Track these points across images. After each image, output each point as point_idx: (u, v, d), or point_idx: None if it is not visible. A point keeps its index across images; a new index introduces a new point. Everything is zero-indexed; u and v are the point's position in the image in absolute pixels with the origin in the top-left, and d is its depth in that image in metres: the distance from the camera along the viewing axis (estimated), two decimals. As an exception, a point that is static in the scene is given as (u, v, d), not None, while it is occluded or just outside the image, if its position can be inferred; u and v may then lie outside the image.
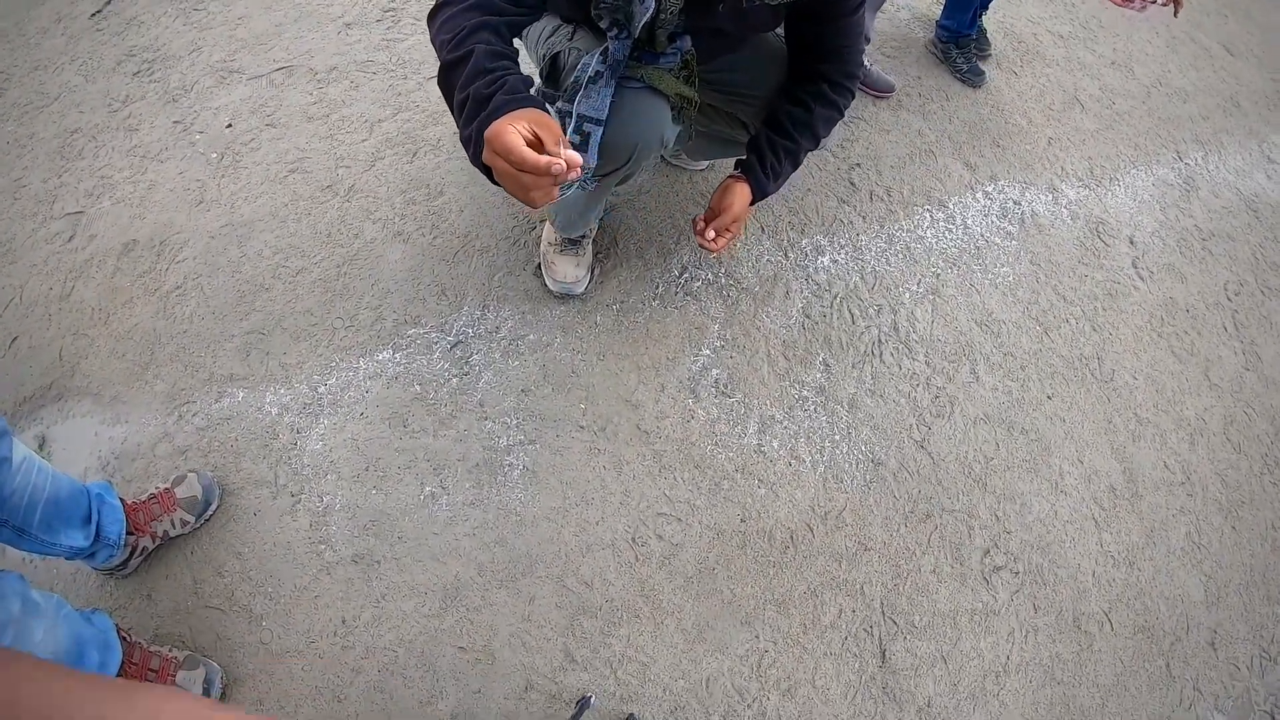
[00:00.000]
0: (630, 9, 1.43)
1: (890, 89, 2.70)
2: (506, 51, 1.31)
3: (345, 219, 2.18)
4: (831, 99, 1.69)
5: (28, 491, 1.39)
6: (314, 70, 2.47)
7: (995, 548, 1.95)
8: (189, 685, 1.59)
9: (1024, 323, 2.30)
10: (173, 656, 1.61)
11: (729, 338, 2.12)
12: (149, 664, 1.56)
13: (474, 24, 1.28)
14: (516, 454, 1.88)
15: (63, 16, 2.67)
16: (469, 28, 1.28)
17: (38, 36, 2.62)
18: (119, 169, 2.28)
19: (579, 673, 1.68)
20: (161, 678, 1.58)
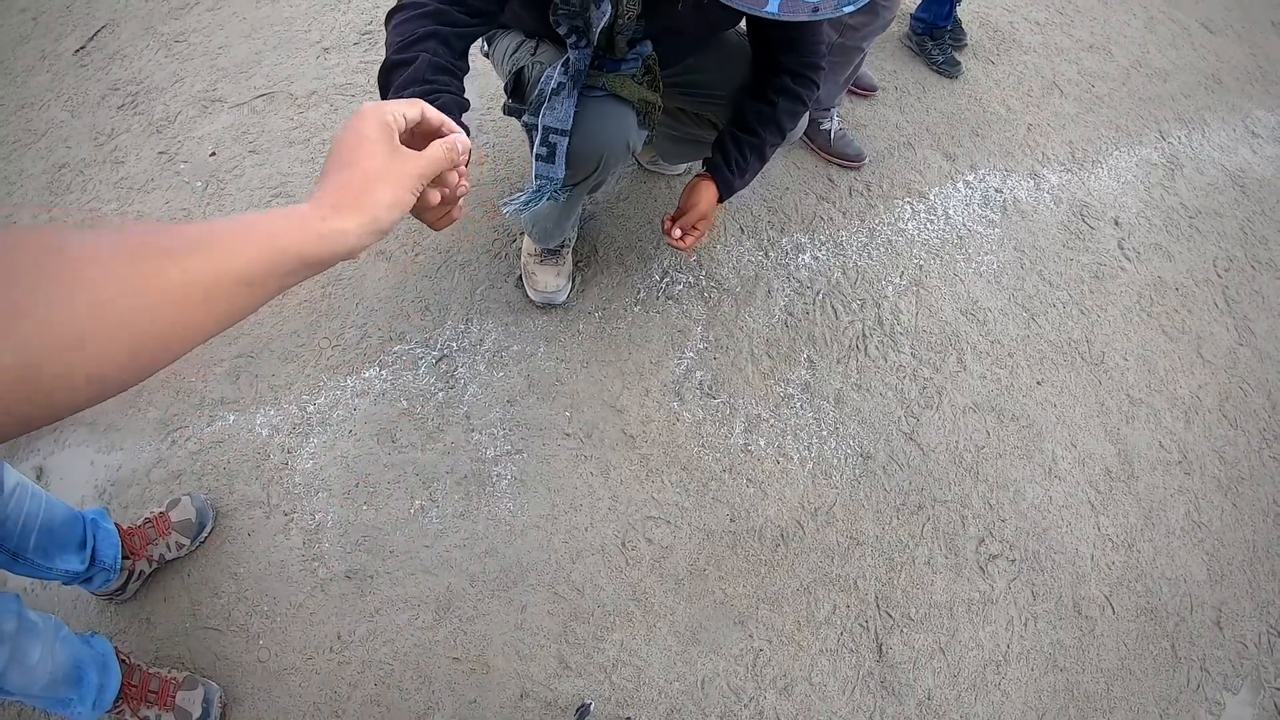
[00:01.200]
0: (587, 16, 1.43)
1: (873, 88, 2.68)
2: (452, 65, 1.31)
3: (327, 240, 2.19)
4: (794, 90, 1.68)
5: (21, 517, 1.40)
6: (294, 95, 2.48)
7: (990, 536, 1.93)
8: (189, 705, 1.59)
9: (1010, 309, 2.28)
10: (171, 677, 1.61)
11: (712, 339, 2.10)
12: (149, 685, 1.57)
13: (425, 31, 1.29)
14: (504, 464, 1.88)
15: (47, 54, 2.69)
16: (420, 34, 1.28)
17: (23, 74, 2.65)
18: (107, 201, 2.30)
19: (574, 679, 1.67)
20: (161, 699, 1.58)
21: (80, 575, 1.54)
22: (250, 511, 1.81)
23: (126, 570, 1.65)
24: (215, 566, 1.74)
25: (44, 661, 1.31)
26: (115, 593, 1.67)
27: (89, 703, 1.46)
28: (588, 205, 2.28)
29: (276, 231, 0.48)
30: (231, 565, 1.74)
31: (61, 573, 1.50)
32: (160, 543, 1.70)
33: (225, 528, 1.78)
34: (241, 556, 1.75)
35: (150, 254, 0.41)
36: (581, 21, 1.45)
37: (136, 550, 1.67)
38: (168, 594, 1.71)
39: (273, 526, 1.79)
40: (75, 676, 1.40)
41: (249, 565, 1.75)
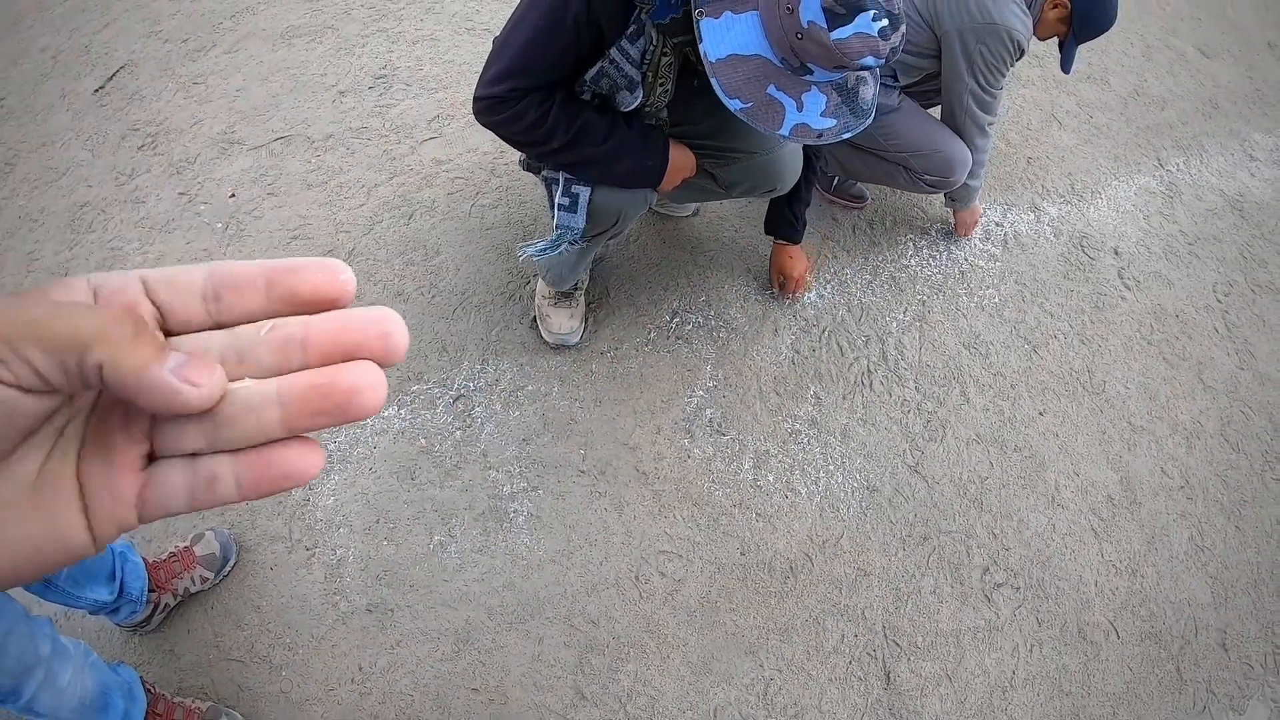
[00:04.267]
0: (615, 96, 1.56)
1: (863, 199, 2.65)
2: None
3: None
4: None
5: None
6: (311, 139, 2.59)
7: (994, 565, 2.01)
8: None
9: (1012, 342, 2.37)
10: (196, 708, 1.69)
11: (721, 377, 2.20)
12: (173, 715, 1.65)
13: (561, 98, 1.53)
14: (520, 500, 1.97)
15: (67, 93, 2.81)
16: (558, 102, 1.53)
17: (44, 113, 2.76)
18: (128, 240, 2.40)
19: (590, 709, 1.76)
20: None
21: (108, 605, 1.62)
22: (273, 546, 1.90)
23: (152, 603, 1.74)
24: (238, 599, 1.83)
25: (74, 685, 1.39)
26: (140, 624, 1.76)
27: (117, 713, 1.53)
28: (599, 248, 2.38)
29: None
30: (254, 598, 1.83)
31: (90, 602, 1.58)
32: (185, 576, 1.78)
33: (248, 561, 1.87)
34: (264, 590, 1.84)
35: None
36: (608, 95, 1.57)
37: (162, 583, 1.76)
38: (191, 626, 1.80)
39: (295, 561, 1.88)
40: (102, 702, 1.47)
41: (271, 598, 1.84)
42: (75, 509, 0.29)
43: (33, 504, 0.28)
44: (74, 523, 0.29)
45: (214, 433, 0.30)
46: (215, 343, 0.31)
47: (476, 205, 2.45)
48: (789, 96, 1.40)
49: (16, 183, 2.59)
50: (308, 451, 0.30)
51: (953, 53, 2.06)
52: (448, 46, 2.87)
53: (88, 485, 0.29)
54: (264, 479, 0.30)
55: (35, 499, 0.28)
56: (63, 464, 0.29)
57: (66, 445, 0.30)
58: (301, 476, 0.30)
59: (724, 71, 1.39)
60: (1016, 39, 2.01)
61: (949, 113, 2.20)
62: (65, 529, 0.29)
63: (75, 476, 0.29)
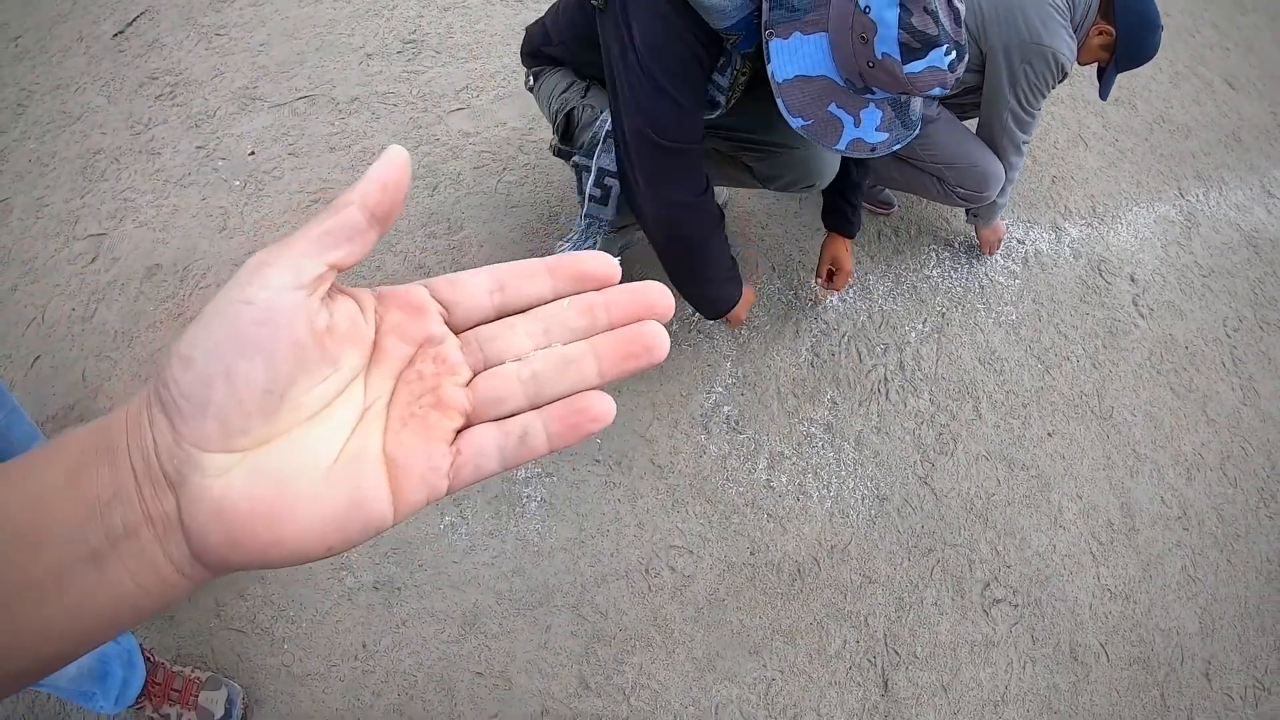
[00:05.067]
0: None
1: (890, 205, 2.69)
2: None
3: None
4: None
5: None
6: (335, 100, 2.57)
7: (995, 581, 2.06)
8: (212, 706, 1.67)
9: (1026, 361, 2.42)
10: (195, 677, 1.69)
11: (740, 375, 2.23)
12: (172, 684, 1.65)
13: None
14: (534, 486, 1.99)
15: (85, 36, 2.76)
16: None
17: (60, 55, 2.72)
18: (142, 192, 2.38)
19: (593, 699, 1.79)
20: (184, 698, 1.66)
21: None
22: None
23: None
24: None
25: None
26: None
27: (112, 697, 1.52)
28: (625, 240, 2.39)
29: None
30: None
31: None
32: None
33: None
34: (271, 560, 1.85)
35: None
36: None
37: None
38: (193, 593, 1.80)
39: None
40: (101, 671, 1.46)
41: (277, 570, 1.85)
42: (380, 481, 0.32)
43: (335, 477, 0.31)
44: (377, 494, 0.32)
45: (536, 389, 0.35)
46: (521, 325, 0.36)
47: (503, 181, 2.46)
48: (848, 113, 1.43)
49: (28, 125, 2.56)
50: (602, 397, 0.35)
51: (997, 69, 2.09)
52: (479, 15, 2.85)
53: (396, 461, 0.33)
54: (572, 426, 0.34)
55: (339, 471, 0.31)
56: (367, 439, 0.33)
57: (369, 427, 0.33)
58: (605, 417, 0.35)
59: (789, 91, 1.42)
60: (1061, 62, 2.03)
61: (986, 127, 2.22)
62: (368, 501, 0.32)
63: (381, 452, 0.33)
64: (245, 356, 0.29)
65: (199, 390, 0.29)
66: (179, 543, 0.30)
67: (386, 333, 0.34)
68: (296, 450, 0.31)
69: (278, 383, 0.30)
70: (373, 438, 0.33)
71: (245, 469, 0.30)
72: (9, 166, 2.49)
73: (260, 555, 0.30)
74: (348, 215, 0.32)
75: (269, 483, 0.30)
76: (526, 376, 0.35)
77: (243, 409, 0.29)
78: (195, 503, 0.29)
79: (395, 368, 0.34)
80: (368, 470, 0.32)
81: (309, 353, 0.31)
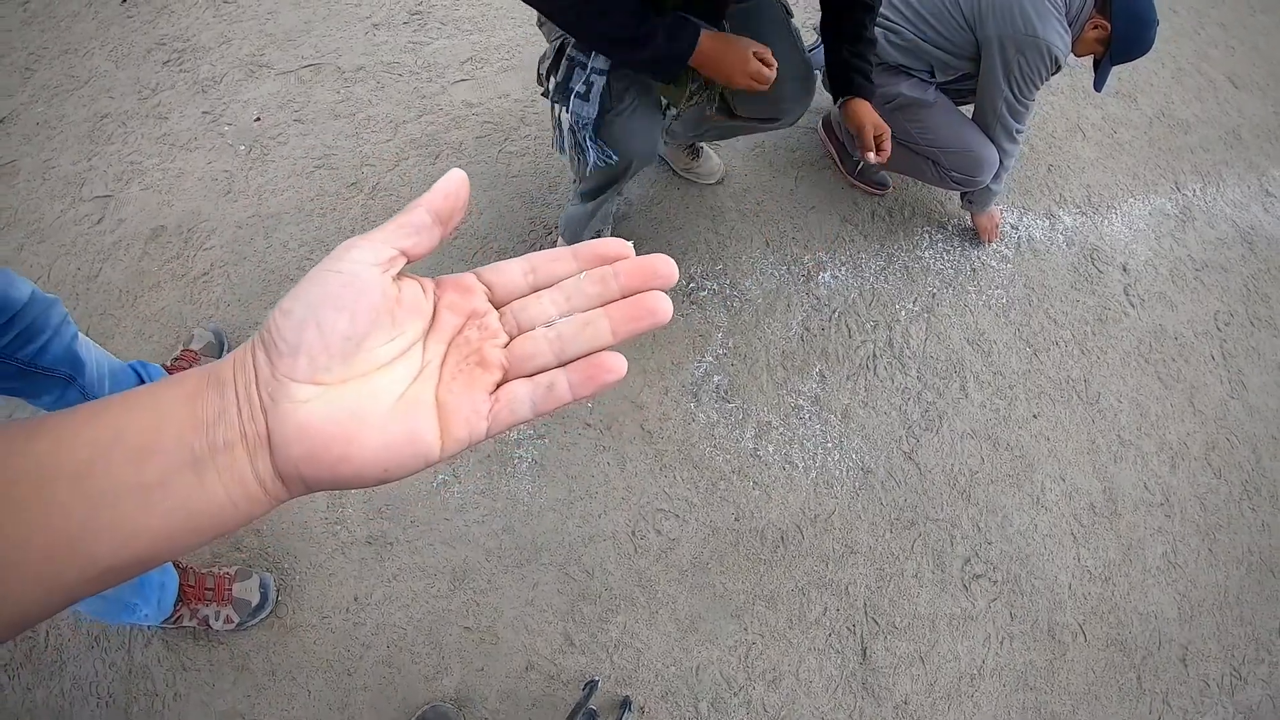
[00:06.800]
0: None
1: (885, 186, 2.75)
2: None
3: (369, 216, 2.36)
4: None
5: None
6: (341, 69, 2.65)
7: (976, 557, 2.14)
8: (247, 595, 1.82)
9: (1014, 344, 2.49)
10: (225, 573, 1.81)
11: (731, 346, 2.31)
12: (204, 584, 1.77)
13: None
14: (526, 447, 2.07)
15: (93, 1, 2.84)
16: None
17: (68, 20, 2.79)
18: (148, 156, 2.46)
19: (577, 656, 1.87)
20: (219, 595, 1.79)
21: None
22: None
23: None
24: (239, 521, 1.92)
25: None
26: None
27: (153, 602, 1.61)
28: (620, 205, 2.47)
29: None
30: (254, 521, 1.91)
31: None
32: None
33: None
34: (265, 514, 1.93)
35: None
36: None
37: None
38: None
39: (297, 487, 1.97)
40: (137, 580, 1.54)
41: (272, 523, 1.94)
42: (432, 421, 0.41)
43: (396, 413, 0.40)
44: (429, 430, 0.40)
45: (561, 347, 0.44)
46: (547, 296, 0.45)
47: (504, 151, 2.53)
48: None
49: (36, 89, 2.63)
50: (616, 355, 0.43)
51: (991, 59, 2.17)
52: (486, -11, 2.93)
53: (445, 405, 0.41)
54: (590, 377, 0.43)
55: (399, 410, 0.40)
56: (423, 388, 0.41)
57: (425, 379, 0.42)
58: (619, 369, 0.43)
59: None
60: (1055, 54, 2.11)
61: (981, 115, 2.30)
62: (421, 435, 0.40)
63: (434, 398, 0.41)
64: (333, 309, 0.38)
65: (294, 333, 0.38)
66: (265, 460, 0.38)
67: (443, 309, 0.44)
68: (367, 391, 0.39)
69: (356, 332, 0.39)
70: (428, 387, 0.41)
71: (325, 399, 0.38)
72: (17, 129, 2.56)
73: (331, 470, 0.38)
74: (417, 214, 0.42)
75: (343, 412, 0.38)
76: (553, 337, 0.44)
77: (327, 350, 0.38)
78: (283, 422, 0.37)
79: (448, 335, 0.43)
80: (423, 411, 0.41)
81: (381, 315, 0.40)
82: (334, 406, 0.38)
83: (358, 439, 0.38)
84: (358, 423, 0.38)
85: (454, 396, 0.42)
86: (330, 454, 0.38)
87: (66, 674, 1.80)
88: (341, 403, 0.38)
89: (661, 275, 0.44)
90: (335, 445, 0.38)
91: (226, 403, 0.38)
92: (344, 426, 0.38)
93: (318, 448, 0.38)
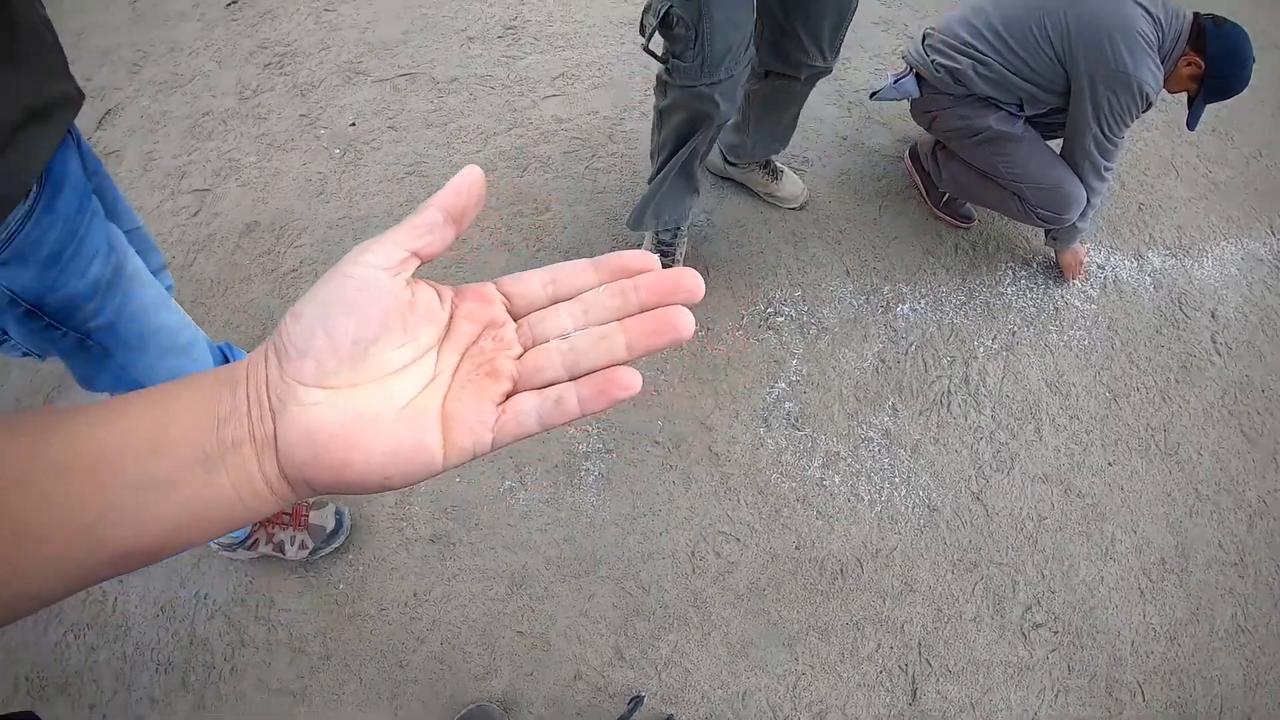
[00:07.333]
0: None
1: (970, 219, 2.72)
2: None
3: (455, 223, 2.43)
4: None
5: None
6: (435, 79, 2.74)
7: (1037, 604, 2.10)
8: (322, 521, 1.94)
9: (1094, 387, 2.44)
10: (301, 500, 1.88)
11: (805, 374, 2.32)
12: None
13: None
14: (594, 460, 2.12)
15: (200, 3, 2.98)
16: None
17: (175, 20, 2.94)
18: (246, 154, 2.57)
19: (626, 670, 1.90)
20: (295, 520, 1.92)
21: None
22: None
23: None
24: (309, 510, 2.00)
25: None
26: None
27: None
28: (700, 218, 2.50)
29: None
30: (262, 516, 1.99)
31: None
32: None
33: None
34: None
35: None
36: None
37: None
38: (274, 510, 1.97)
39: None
40: None
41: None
42: (436, 430, 0.40)
43: (401, 421, 0.40)
44: (432, 439, 0.40)
45: (574, 360, 0.43)
46: (564, 309, 0.44)
47: (591, 168, 2.58)
48: None
49: (142, 83, 2.77)
50: (631, 370, 0.41)
51: (1081, 95, 2.13)
52: (579, 5, 2.99)
53: (451, 415, 0.41)
54: (601, 392, 0.41)
55: (404, 417, 0.40)
56: (431, 396, 0.41)
57: (435, 388, 0.41)
58: (631, 386, 0.41)
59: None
60: (1146, 92, 2.07)
61: (1069, 150, 2.27)
62: (425, 443, 0.40)
63: (441, 407, 0.41)
64: (341, 314, 0.38)
65: (303, 337, 0.38)
66: (271, 461, 0.38)
67: (460, 318, 0.43)
68: (374, 397, 0.39)
69: (364, 336, 0.39)
70: (436, 396, 0.41)
71: (332, 403, 0.38)
72: (122, 121, 2.70)
73: (333, 474, 0.39)
74: (428, 214, 0.41)
75: (349, 417, 0.38)
76: (565, 350, 0.42)
77: (335, 354, 0.38)
78: (290, 424, 0.38)
79: (463, 344, 0.43)
80: (428, 420, 0.40)
81: (392, 319, 0.39)
82: (340, 411, 0.38)
83: (361, 445, 0.39)
84: (362, 428, 0.39)
85: (460, 406, 0.41)
86: (333, 459, 0.38)
87: (130, 639, 1.91)
88: (348, 408, 0.39)
89: (685, 290, 0.43)
90: (338, 450, 0.38)
91: (238, 403, 0.39)
92: (348, 431, 0.38)
93: (321, 452, 0.38)
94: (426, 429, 0.40)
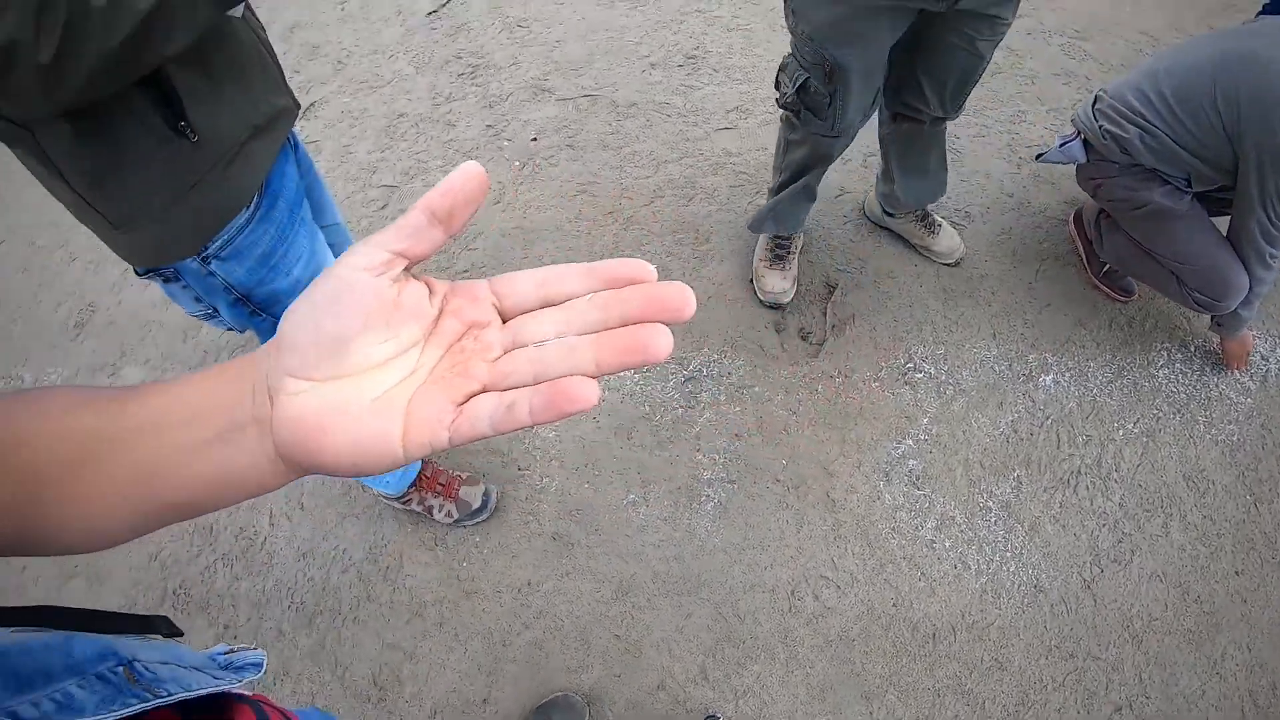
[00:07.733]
0: None
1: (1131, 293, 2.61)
2: None
3: (619, 245, 2.60)
4: None
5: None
6: (615, 103, 2.89)
7: (1129, 708, 2.03)
8: (470, 498, 2.16)
9: (1235, 488, 2.32)
10: (458, 475, 2.17)
11: (934, 434, 2.34)
12: (439, 478, 2.14)
13: None
14: (715, 488, 2.24)
15: (403, 9, 3.25)
16: None
17: (379, 24, 3.22)
18: (434, 156, 2.81)
19: (707, 690, 2.02)
20: (448, 490, 2.15)
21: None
22: (489, 457, 2.27)
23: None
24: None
25: None
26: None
27: (398, 474, 1.97)
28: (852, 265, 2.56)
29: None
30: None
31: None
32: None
33: (464, 464, 2.25)
34: (474, 491, 2.20)
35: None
36: None
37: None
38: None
39: (505, 475, 2.25)
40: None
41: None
42: (398, 425, 0.42)
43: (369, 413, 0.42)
44: (393, 433, 0.42)
45: (541, 369, 0.42)
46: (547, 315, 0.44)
47: (754, 204, 2.67)
48: None
49: (345, 81, 3.06)
50: (586, 383, 0.40)
51: (1247, 175, 1.98)
52: (760, 40, 3.07)
53: (414, 411, 0.42)
54: (550, 402, 0.40)
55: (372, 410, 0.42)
56: (403, 391, 0.43)
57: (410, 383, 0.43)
58: (582, 400, 0.39)
59: None
60: None
61: (1235, 234, 2.13)
62: (387, 436, 0.42)
63: (407, 402, 0.42)
64: (325, 312, 0.41)
65: (292, 333, 0.42)
66: (269, 441, 0.43)
67: (447, 315, 0.44)
68: (351, 390, 0.42)
69: (344, 333, 0.41)
70: (408, 391, 0.43)
71: (314, 394, 0.41)
72: (324, 114, 3.00)
73: (310, 458, 0.42)
74: (411, 217, 0.42)
75: (325, 406, 0.41)
76: (535, 358, 0.42)
77: (316, 348, 0.41)
78: (280, 410, 0.42)
79: (447, 341, 0.44)
80: (393, 413, 0.42)
81: (373, 317, 0.41)
82: (319, 401, 0.41)
83: (331, 433, 0.41)
84: (335, 418, 0.41)
85: (424, 403, 0.42)
86: (309, 444, 0.41)
87: (271, 575, 2.19)
88: (326, 398, 0.41)
89: (671, 309, 0.41)
90: (313, 436, 0.41)
91: (251, 386, 0.43)
92: (322, 420, 0.41)
93: (300, 437, 0.41)
94: (391, 422, 0.42)
